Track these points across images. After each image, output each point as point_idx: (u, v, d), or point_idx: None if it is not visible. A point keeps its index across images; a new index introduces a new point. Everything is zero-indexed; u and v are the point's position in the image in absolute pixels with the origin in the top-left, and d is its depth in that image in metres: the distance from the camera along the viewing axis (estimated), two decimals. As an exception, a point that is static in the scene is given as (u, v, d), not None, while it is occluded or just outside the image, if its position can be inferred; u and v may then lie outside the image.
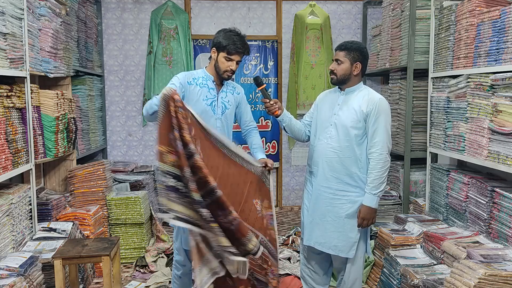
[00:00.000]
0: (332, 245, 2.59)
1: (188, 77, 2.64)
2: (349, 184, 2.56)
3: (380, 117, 2.48)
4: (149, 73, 5.43)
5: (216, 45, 2.61)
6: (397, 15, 4.38)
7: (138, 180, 4.59)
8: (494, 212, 2.88)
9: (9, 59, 2.82)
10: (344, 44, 2.57)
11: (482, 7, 3.10)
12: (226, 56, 2.58)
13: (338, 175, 2.56)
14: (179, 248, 2.72)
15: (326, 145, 2.59)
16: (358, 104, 2.53)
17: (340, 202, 2.57)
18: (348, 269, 2.64)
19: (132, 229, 3.99)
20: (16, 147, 2.92)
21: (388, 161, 2.51)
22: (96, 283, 3.52)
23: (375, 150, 2.49)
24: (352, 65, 2.54)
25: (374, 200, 2.51)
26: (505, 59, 2.79)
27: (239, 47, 2.57)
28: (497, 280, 2.23)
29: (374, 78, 5.76)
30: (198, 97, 2.62)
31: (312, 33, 5.55)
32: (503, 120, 2.72)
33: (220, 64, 2.61)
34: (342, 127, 2.54)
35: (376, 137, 2.49)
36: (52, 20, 3.53)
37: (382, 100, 2.53)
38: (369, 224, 2.55)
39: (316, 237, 2.64)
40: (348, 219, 2.56)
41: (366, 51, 2.59)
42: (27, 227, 3.06)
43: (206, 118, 2.60)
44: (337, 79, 2.58)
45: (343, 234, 2.57)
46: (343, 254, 2.58)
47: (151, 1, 5.50)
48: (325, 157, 2.58)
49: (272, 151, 5.77)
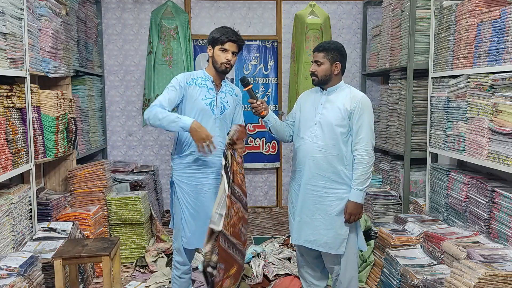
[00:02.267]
0: (322, 242, 2.61)
1: (187, 78, 2.67)
2: (336, 182, 2.59)
3: (364, 114, 2.56)
4: (149, 73, 5.42)
5: (210, 42, 2.66)
6: (397, 15, 4.38)
7: (138, 180, 4.59)
8: (494, 212, 2.88)
9: (9, 59, 2.82)
10: (322, 45, 2.63)
11: (482, 7, 3.10)
12: (220, 47, 2.61)
13: (324, 173, 2.59)
14: (178, 249, 2.72)
15: (311, 144, 2.62)
16: (342, 102, 2.59)
17: (329, 200, 2.60)
18: (343, 268, 2.65)
19: (132, 229, 3.99)
20: (16, 147, 2.92)
21: (373, 157, 2.58)
22: (96, 283, 3.52)
23: (360, 146, 2.56)
24: (332, 65, 2.61)
25: (361, 195, 2.56)
26: (505, 59, 2.79)
27: (231, 35, 2.60)
28: (497, 280, 2.23)
29: (374, 78, 5.76)
30: (197, 96, 2.63)
31: (312, 33, 5.54)
32: (503, 120, 2.73)
33: (216, 58, 2.63)
34: (328, 126, 2.59)
35: (361, 133, 2.56)
36: (52, 20, 3.53)
37: (364, 97, 2.61)
38: (356, 219, 2.59)
39: (306, 235, 2.65)
40: (337, 216, 2.59)
41: (344, 50, 2.66)
42: (27, 227, 3.06)
43: (205, 117, 2.62)
44: (319, 80, 2.64)
45: (332, 231, 2.59)
46: (333, 251, 2.60)
47: (151, 1, 5.50)
48: (311, 156, 2.61)
49: (272, 151, 5.77)
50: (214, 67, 2.67)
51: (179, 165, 2.67)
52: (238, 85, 5.60)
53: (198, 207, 2.64)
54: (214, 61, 2.65)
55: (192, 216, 2.64)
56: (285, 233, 4.70)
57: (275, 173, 5.87)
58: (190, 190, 2.64)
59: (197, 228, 2.63)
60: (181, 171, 2.67)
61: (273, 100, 5.72)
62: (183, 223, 2.66)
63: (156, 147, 5.66)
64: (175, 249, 2.74)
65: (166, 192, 5.69)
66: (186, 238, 2.66)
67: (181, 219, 2.66)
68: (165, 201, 5.69)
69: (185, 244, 2.67)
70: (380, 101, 4.92)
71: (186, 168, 2.65)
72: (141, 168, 5.24)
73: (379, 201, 4.18)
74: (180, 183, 2.66)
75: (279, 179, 5.84)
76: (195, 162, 2.64)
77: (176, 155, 2.70)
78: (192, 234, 2.64)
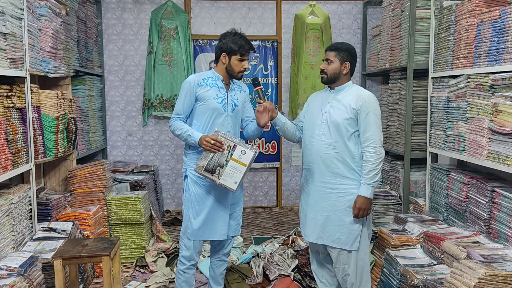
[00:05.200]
0: (336, 238, 2.66)
1: (197, 79, 2.78)
2: (346, 178, 2.65)
3: (370, 112, 2.61)
4: (149, 73, 5.43)
5: (226, 51, 2.75)
6: (397, 15, 4.38)
7: (138, 180, 4.59)
8: (494, 212, 2.88)
9: (9, 59, 2.82)
10: (334, 45, 2.73)
11: (482, 7, 3.10)
12: (239, 58, 2.74)
13: (334, 170, 2.65)
14: (187, 243, 2.80)
15: (320, 142, 2.69)
16: (348, 101, 2.65)
17: (339, 196, 2.65)
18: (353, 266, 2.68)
19: (132, 229, 3.99)
20: (16, 147, 2.92)
21: (382, 153, 2.63)
22: (96, 283, 3.52)
23: (368, 144, 2.61)
24: (342, 65, 2.69)
25: (369, 190, 2.60)
26: (505, 59, 2.79)
27: (249, 47, 2.76)
28: (497, 280, 2.23)
29: (374, 78, 5.76)
30: (209, 96, 2.75)
31: (312, 33, 5.54)
32: (503, 120, 2.72)
33: (234, 67, 2.76)
34: (334, 124, 2.65)
35: (368, 131, 2.61)
36: (52, 20, 3.52)
37: (370, 96, 2.66)
38: (364, 215, 2.63)
39: (318, 232, 2.70)
40: (348, 212, 2.64)
41: (355, 51, 2.75)
42: (27, 227, 3.06)
43: (218, 116, 2.77)
44: (327, 78, 2.72)
45: (344, 227, 2.64)
46: (347, 247, 2.65)
47: (151, 1, 5.50)
48: (320, 154, 2.68)
49: (272, 151, 5.77)
50: (228, 74, 2.80)
51: (194, 160, 2.78)
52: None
53: (208, 201, 2.76)
54: (230, 69, 2.77)
55: (201, 209, 2.75)
56: (285, 233, 4.69)
57: (275, 173, 5.87)
58: (203, 184, 2.76)
59: (205, 221, 2.75)
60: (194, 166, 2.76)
61: (273, 100, 5.72)
62: (190, 216, 2.77)
63: (156, 147, 5.66)
64: (183, 243, 2.83)
65: (166, 192, 5.69)
66: (191, 229, 2.76)
67: (189, 212, 2.78)
68: (165, 201, 5.69)
69: (189, 235, 2.76)
70: (380, 101, 4.92)
71: None
72: (141, 168, 5.24)
73: (379, 201, 4.18)
74: (194, 177, 2.77)
75: (279, 179, 5.84)
76: None
77: (190, 150, 2.81)
78: (199, 227, 2.75)
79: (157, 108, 5.47)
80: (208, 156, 2.61)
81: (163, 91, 5.44)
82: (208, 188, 2.76)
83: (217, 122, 2.75)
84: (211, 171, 2.62)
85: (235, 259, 3.73)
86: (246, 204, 5.84)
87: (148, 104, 5.48)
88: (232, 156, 2.61)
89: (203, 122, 2.76)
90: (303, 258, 3.58)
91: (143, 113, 5.54)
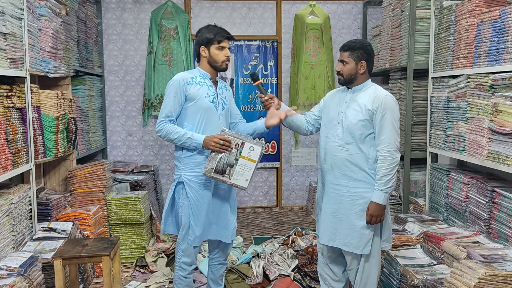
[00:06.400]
0: (347, 241, 2.57)
1: (186, 77, 2.65)
2: (359, 181, 2.55)
3: (386, 114, 2.48)
4: (149, 73, 5.43)
5: (203, 43, 2.67)
6: (397, 15, 4.38)
7: (138, 180, 4.59)
8: (494, 212, 2.88)
9: (9, 59, 2.82)
10: (348, 44, 2.58)
11: (482, 7, 3.10)
12: (217, 46, 2.65)
13: (346, 172, 2.56)
14: (186, 250, 2.68)
15: (334, 143, 2.60)
16: (364, 102, 2.54)
17: (351, 199, 2.56)
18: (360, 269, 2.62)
19: (132, 229, 3.99)
20: (16, 147, 2.92)
21: (397, 157, 2.51)
22: (96, 283, 3.52)
23: (382, 147, 2.49)
24: (357, 65, 2.56)
25: (382, 196, 2.49)
26: (505, 59, 2.79)
27: (225, 33, 2.66)
28: (497, 280, 2.22)
29: (374, 78, 5.76)
30: (200, 95, 2.63)
31: (312, 33, 5.55)
32: (503, 120, 2.72)
33: (215, 57, 2.66)
34: (349, 125, 2.55)
35: (383, 134, 2.49)
36: (52, 20, 3.52)
37: (388, 96, 2.53)
38: (378, 221, 2.53)
39: (329, 234, 2.63)
40: (360, 215, 2.55)
41: (371, 48, 2.60)
42: (27, 227, 3.06)
43: (210, 116, 2.65)
44: (344, 79, 2.61)
45: (356, 231, 2.55)
46: (358, 251, 2.56)
47: (151, 1, 5.50)
48: (334, 155, 2.59)
49: (271, 151, 5.77)
50: (212, 66, 2.69)
51: (189, 164, 2.65)
52: (238, 83, 5.63)
53: (207, 205, 2.66)
54: (212, 61, 2.67)
55: (201, 214, 2.64)
56: (285, 233, 4.70)
57: (275, 173, 5.87)
58: (201, 188, 2.65)
59: (206, 222, 2.66)
60: (191, 170, 2.65)
61: (273, 100, 5.72)
62: (192, 223, 2.64)
63: (156, 147, 5.66)
64: (182, 250, 2.69)
65: (166, 192, 5.69)
66: (193, 236, 2.64)
67: (189, 219, 2.65)
68: (165, 201, 5.68)
69: (191, 242, 2.65)
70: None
71: (196, 168, 2.64)
72: (141, 168, 5.24)
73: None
74: (190, 182, 2.64)
75: (279, 179, 5.84)
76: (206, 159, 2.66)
77: (185, 154, 2.66)
78: (202, 232, 2.66)
79: (157, 108, 5.46)
80: (216, 157, 2.52)
81: (163, 91, 5.43)
82: (203, 189, 2.65)
83: (210, 122, 2.62)
84: (221, 172, 2.54)
85: (235, 259, 3.72)
86: (246, 204, 5.85)
87: (148, 104, 5.48)
88: (242, 154, 2.54)
89: (195, 123, 2.63)
90: (303, 258, 3.58)
91: (143, 113, 5.54)
